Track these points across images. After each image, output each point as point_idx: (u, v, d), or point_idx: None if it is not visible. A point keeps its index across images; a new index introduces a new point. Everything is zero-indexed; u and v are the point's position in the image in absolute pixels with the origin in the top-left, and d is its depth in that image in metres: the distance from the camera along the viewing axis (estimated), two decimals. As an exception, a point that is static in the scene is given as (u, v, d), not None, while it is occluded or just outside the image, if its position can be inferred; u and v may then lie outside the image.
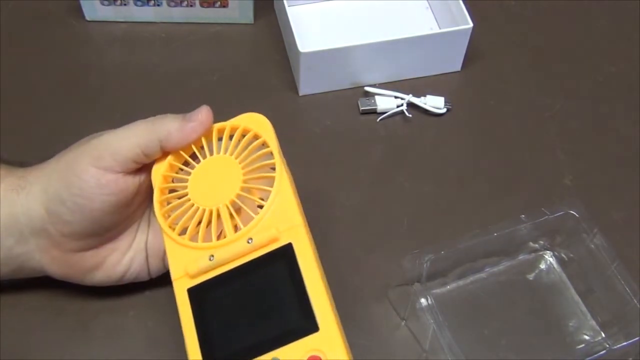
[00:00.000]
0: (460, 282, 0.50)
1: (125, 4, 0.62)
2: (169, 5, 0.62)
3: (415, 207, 0.54)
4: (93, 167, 0.41)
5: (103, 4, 0.62)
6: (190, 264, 0.40)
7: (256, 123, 0.44)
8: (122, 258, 0.45)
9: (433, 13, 0.65)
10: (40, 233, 0.43)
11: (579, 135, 0.59)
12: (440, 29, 0.64)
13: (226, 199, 0.41)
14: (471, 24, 0.58)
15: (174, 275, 0.41)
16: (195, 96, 0.60)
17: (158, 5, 0.62)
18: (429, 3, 0.66)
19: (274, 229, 0.40)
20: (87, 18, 0.63)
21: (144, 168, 0.44)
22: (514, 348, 0.48)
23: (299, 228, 0.40)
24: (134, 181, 0.43)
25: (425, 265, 0.46)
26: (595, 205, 0.51)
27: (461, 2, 0.60)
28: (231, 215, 0.41)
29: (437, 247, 0.46)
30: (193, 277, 0.40)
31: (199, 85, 0.61)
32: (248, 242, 0.39)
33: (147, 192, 0.44)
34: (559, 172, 0.57)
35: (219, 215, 0.41)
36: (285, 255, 0.39)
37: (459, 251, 0.47)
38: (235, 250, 0.40)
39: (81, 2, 0.62)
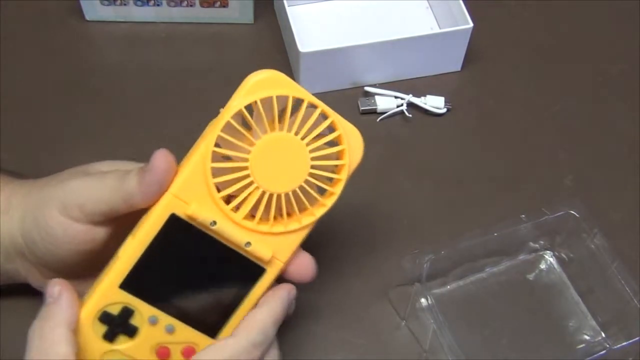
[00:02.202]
0: (460, 282, 0.50)
1: (125, 4, 0.62)
2: (169, 5, 0.62)
3: (415, 207, 0.54)
4: (61, 216, 0.39)
5: (103, 4, 0.62)
6: (198, 204, 0.38)
7: (282, 85, 0.39)
8: None
9: (433, 13, 0.65)
10: (21, 256, 0.42)
11: (579, 135, 0.59)
12: (440, 29, 0.64)
13: (289, 187, 0.39)
14: (471, 24, 0.58)
15: (173, 189, 0.38)
16: (195, 96, 0.60)
17: (158, 5, 0.62)
18: (429, 3, 0.66)
19: (270, 252, 0.39)
20: (87, 18, 0.63)
21: (113, 220, 0.41)
22: (514, 348, 0.48)
23: (279, 264, 0.40)
24: (104, 230, 0.40)
25: (425, 265, 0.46)
26: (595, 205, 0.51)
27: (461, 2, 0.60)
28: (280, 203, 0.39)
29: (437, 247, 0.46)
30: (188, 213, 0.38)
31: (199, 85, 0.61)
32: (246, 245, 0.39)
33: (124, 236, 0.40)
34: (559, 172, 0.57)
35: (278, 199, 0.39)
36: (254, 273, 0.40)
37: (459, 251, 0.47)
38: (233, 237, 0.39)
39: (81, 2, 0.62)
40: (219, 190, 0.38)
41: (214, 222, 0.38)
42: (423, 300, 0.47)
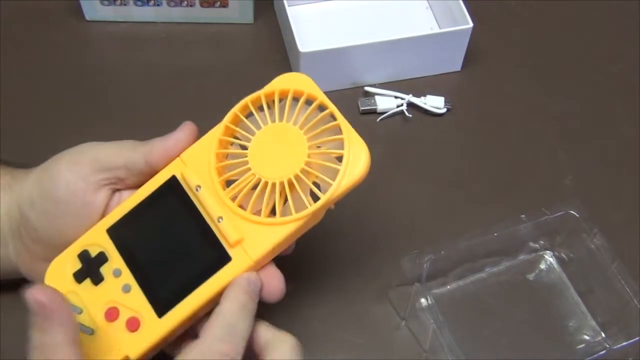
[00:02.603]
0: (460, 282, 0.50)
1: (125, 4, 0.62)
2: (169, 5, 0.62)
3: (415, 207, 0.54)
4: (67, 171, 0.40)
5: (103, 4, 0.62)
6: (193, 168, 0.40)
7: (301, 83, 0.41)
8: None
9: (433, 13, 0.65)
10: (15, 235, 0.43)
11: (579, 135, 0.59)
12: (440, 29, 0.64)
13: (284, 176, 0.39)
14: (471, 24, 0.58)
15: (185, 152, 0.41)
16: (195, 96, 0.60)
17: (158, 5, 0.62)
18: (429, 3, 0.66)
19: (239, 234, 0.39)
20: (87, 18, 0.63)
21: (120, 190, 0.42)
22: (514, 348, 0.48)
23: (247, 259, 0.39)
24: (103, 198, 0.41)
25: (425, 265, 0.46)
26: (595, 205, 0.51)
27: (461, 2, 0.60)
28: (282, 191, 0.39)
29: (437, 247, 0.46)
30: (181, 173, 0.40)
31: (199, 85, 0.61)
32: (218, 220, 0.39)
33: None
34: (559, 172, 0.57)
35: (265, 187, 0.39)
36: (219, 259, 0.39)
37: (459, 251, 0.47)
38: (210, 206, 0.39)
39: (81, 2, 0.62)
40: (217, 162, 0.40)
41: (199, 187, 0.40)
42: (423, 300, 0.47)
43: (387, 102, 0.59)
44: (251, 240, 0.39)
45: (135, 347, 0.38)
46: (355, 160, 0.39)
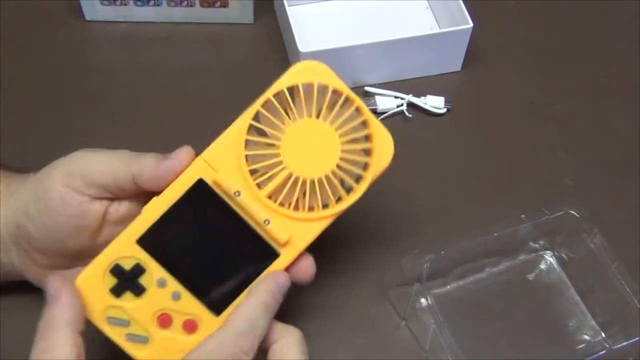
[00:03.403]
0: (460, 282, 0.50)
1: (125, 4, 0.62)
2: (169, 5, 0.62)
3: (416, 207, 0.54)
4: (60, 184, 0.40)
5: (103, 4, 0.62)
6: (225, 173, 0.39)
7: (323, 76, 0.41)
8: None
9: (433, 13, 0.65)
10: (17, 244, 0.42)
11: (579, 135, 0.59)
12: (440, 29, 0.64)
13: (316, 174, 0.40)
14: (471, 24, 0.58)
15: (205, 154, 0.40)
16: (195, 96, 0.60)
17: (158, 5, 0.62)
18: (429, 3, 0.66)
19: (287, 235, 0.40)
20: (87, 18, 0.63)
21: (117, 200, 0.42)
22: (514, 348, 0.48)
23: (294, 251, 0.40)
24: (100, 208, 0.41)
25: (425, 265, 0.46)
26: (595, 205, 0.51)
27: (461, 2, 0.60)
28: (313, 188, 0.40)
29: (437, 247, 0.46)
30: (215, 178, 0.39)
31: (199, 85, 0.61)
32: (265, 223, 0.40)
33: (119, 223, 0.41)
34: (559, 172, 0.57)
35: (303, 184, 0.40)
36: (267, 256, 0.40)
37: (459, 251, 0.47)
38: (254, 211, 0.40)
39: (81, 2, 0.62)
40: (248, 164, 0.40)
41: (238, 193, 0.39)
42: (423, 300, 0.47)
43: (387, 102, 0.59)
44: (296, 234, 0.40)
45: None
46: (383, 152, 0.41)
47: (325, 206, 0.41)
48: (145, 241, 0.39)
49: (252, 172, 0.40)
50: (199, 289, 0.40)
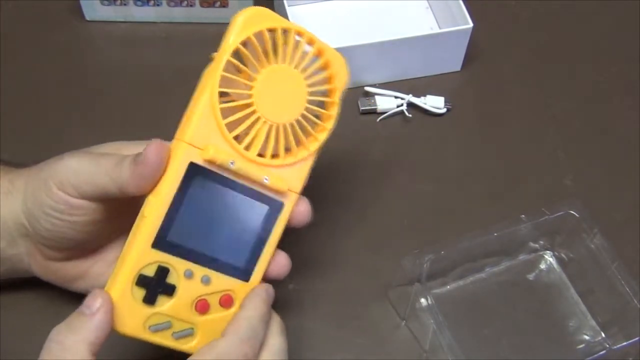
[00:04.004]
0: (460, 282, 0.50)
1: (125, 4, 0.62)
2: (169, 5, 0.62)
3: (415, 207, 0.54)
4: (59, 191, 0.40)
5: (103, 4, 0.62)
6: (214, 147, 0.39)
7: (269, 20, 0.40)
8: (107, 269, 0.43)
9: (433, 13, 0.65)
10: (25, 238, 0.43)
11: (579, 135, 0.59)
12: (440, 29, 0.64)
13: (292, 116, 0.41)
14: (471, 24, 0.58)
15: (186, 137, 0.39)
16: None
17: (158, 5, 0.62)
18: (429, 3, 0.66)
19: (286, 184, 0.41)
20: (87, 18, 0.63)
21: (103, 199, 0.40)
22: (514, 348, 0.48)
23: (294, 195, 0.42)
24: (104, 207, 0.41)
25: (425, 265, 0.46)
26: (595, 205, 0.51)
27: (461, 2, 0.60)
28: (294, 132, 0.41)
29: (437, 247, 0.46)
30: (206, 157, 0.39)
31: (199, 85, 0.61)
32: (264, 180, 0.40)
33: (128, 206, 0.41)
34: (559, 172, 0.57)
35: (285, 129, 0.41)
36: (274, 208, 0.42)
37: (459, 251, 0.47)
38: (253, 174, 0.40)
39: (81, 2, 0.62)
40: (230, 131, 0.40)
41: (233, 162, 0.40)
42: (423, 300, 0.47)
43: (387, 102, 0.59)
44: (292, 179, 0.42)
45: None
46: (341, 74, 0.43)
47: (309, 142, 0.42)
48: (160, 243, 0.39)
49: (236, 137, 0.40)
50: (224, 265, 0.41)
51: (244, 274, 0.41)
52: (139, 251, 0.38)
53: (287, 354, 0.41)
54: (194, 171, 0.39)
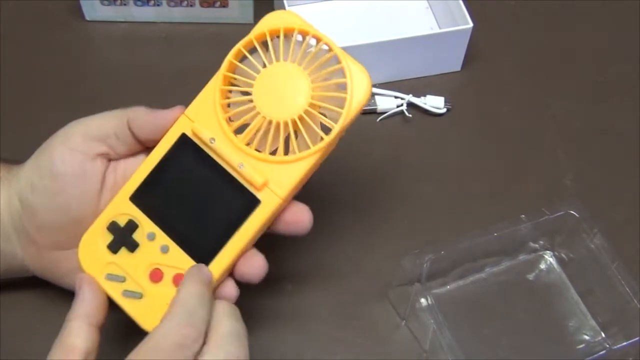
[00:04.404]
0: (460, 282, 0.50)
1: (125, 4, 0.62)
2: (169, 5, 0.62)
3: (415, 207, 0.54)
4: (61, 145, 0.42)
5: (103, 4, 0.62)
6: (202, 123, 0.41)
7: (290, 20, 0.42)
8: None
9: (433, 13, 0.65)
10: (18, 228, 0.43)
11: (579, 135, 0.59)
12: (440, 29, 0.64)
13: (293, 113, 0.40)
14: (471, 24, 0.58)
15: (187, 110, 0.42)
16: (195, 96, 0.60)
17: (158, 5, 0.62)
18: (429, 3, 0.66)
19: (262, 177, 0.40)
20: (87, 18, 0.63)
21: (113, 163, 0.43)
22: (514, 348, 0.48)
23: (276, 198, 0.40)
24: (100, 167, 0.42)
25: (425, 265, 0.46)
26: (595, 205, 0.51)
27: (461, 2, 0.60)
28: (294, 129, 0.41)
29: (437, 247, 0.46)
30: (192, 130, 0.41)
31: (199, 85, 0.60)
32: (240, 167, 0.40)
33: (117, 189, 0.43)
34: (559, 172, 0.57)
35: (277, 127, 0.41)
36: (249, 203, 0.40)
37: (459, 251, 0.47)
38: (228, 156, 0.40)
39: (81, 2, 0.62)
40: (224, 112, 0.41)
41: (213, 140, 0.41)
42: (423, 300, 0.47)
43: (387, 102, 0.59)
44: (276, 180, 0.40)
45: None
46: (358, 84, 0.41)
47: (302, 147, 0.41)
48: (137, 197, 0.41)
49: (230, 121, 0.41)
50: (185, 241, 0.41)
51: (201, 259, 0.40)
52: (118, 199, 0.42)
53: (246, 338, 0.38)
54: (183, 141, 0.41)
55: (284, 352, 0.48)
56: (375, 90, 0.60)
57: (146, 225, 0.41)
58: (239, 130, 0.41)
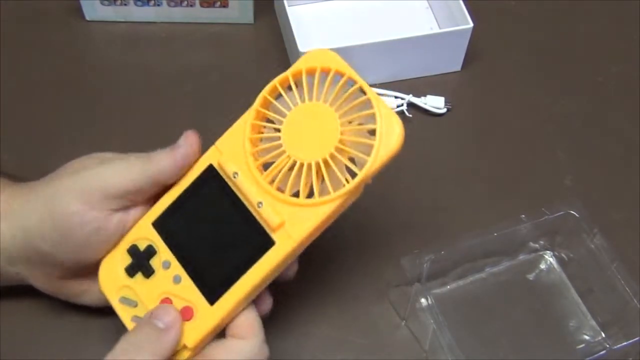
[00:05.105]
0: (460, 282, 0.50)
1: (125, 4, 0.62)
2: (169, 5, 0.62)
3: (415, 207, 0.54)
4: (79, 203, 0.40)
5: (103, 4, 0.62)
6: (229, 156, 0.40)
7: (328, 60, 0.41)
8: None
9: (433, 13, 0.65)
10: (24, 260, 0.42)
11: (579, 135, 0.59)
12: (440, 29, 0.64)
13: (319, 156, 0.39)
14: (471, 24, 0.58)
15: (218, 141, 0.41)
16: (195, 96, 0.60)
17: (158, 5, 0.62)
18: (429, 3, 0.66)
19: (279, 218, 0.39)
20: (87, 18, 0.63)
21: (130, 206, 0.42)
22: (514, 348, 0.48)
23: (291, 242, 0.39)
24: (118, 221, 0.41)
25: (425, 265, 0.46)
26: (595, 205, 0.51)
27: (461, 2, 0.60)
28: (318, 171, 0.39)
29: (437, 247, 0.46)
30: (218, 162, 0.40)
31: (199, 85, 0.61)
32: (258, 205, 0.39)
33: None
34: (559, 172, 0.57)
35: (301, 168, 0.39)
36: (263, 243, 0.39)
37: (459, 251, 0.47)
38: (249, 192, 0.39)
39: (81, 2, 0.62)
40: (251, 147, 0.40)
41: (236, 174, 0.40)
42: (423, 300, 0.47)
43: (387, 102, 0.59)
44: (293, 222, 0.39)
45: (191, 336, 0.39)
46: (389, 132, 0.39)
47: (324, 192, 0.39)
48: (159, 223, 0.41)
49: (256, 156, 0.40)
50: (197, 273, 0.40)
51: (210, 295, 0.39)
52: (142, 223, 0.42)
53: None
54: (209, 173, 0.41)
55: (284, 352, 0.48)
56: (375, 90, 0.59)
57: (164, 253, 0.41)
58: (266, 167, 0.40)
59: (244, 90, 0.61)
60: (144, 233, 0.41)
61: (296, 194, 0.39)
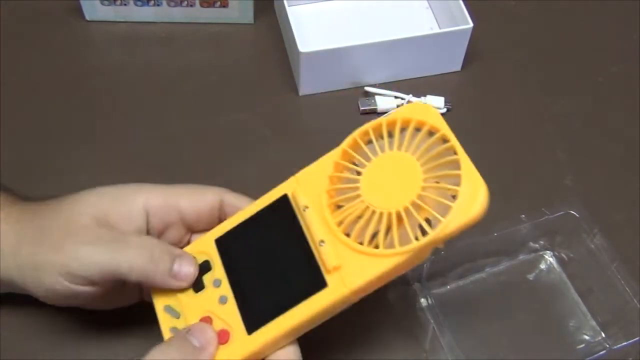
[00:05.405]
0: (460, 282, 0.50)
1: (125, 4, 0.62)
2: (169, 5, 0.62)
3: (415, 207, 0.54)
4: (65, 281, 0.39)
5: (103, 4, 0.62)
6: (304, 188, 0.40)
7: (426, 114, 0.39)
8: (113, 305, 0.45)
9: (433, 13, 0.65)
10: (30, 287, 0.42)
11: (579, 135, 0.59)
12: (440, 29, 0.64)
13: (392, 207, 0.37)
14: (471, 24, 0.58)
15: (300, 172, 0.41)
16: (195, 96, 0.60)
17: (158, 5, 0.62)
18: (429, 3, 0.66)
19: (336, 261, 0.37)
20: (87, 18, 0.63)
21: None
22: (514, 348, 0.48)
23: (343, 289, 0.37)
24: (107, 289, 0.41)
25: (425, 265, 0.46)
26: (595, 205, 0.51)
27: (461, 2, 0.60)
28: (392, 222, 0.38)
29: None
30: (292, 192, 0.40)
31: (199, 85, 0.61)
32: (320, 244, 0.38)
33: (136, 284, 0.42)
34: (559, 172, 0.57)
35: (372, 216, 0.38)
36: (315, 284, 0.38)
37: (459, 251, 0.47)
38: (314, 227, 0.38)
39: (81, 2, 0.62)
40: (329, 185, 0.40)
41: (306, 208, 0.39)
42: (423, 300, 0.47)
43: (387, 102, 0.59)
44: (350, 269, 0.37)
45: None
46: (471, 199, 0.36)
47: (391, 246, 0.37)
48: (221, 241, 0.41)
49: (331, 195, 0.39)
50: (243, 299, 0.39)
51: (250, 324, 0.39)
52: (207, 236, 0.42)
53: None
54: (282, 201, 0.40)
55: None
56: (375, 90, 0.60)
57: (217, 271, 0.40)
58: (339, 208, 0.39)
59: (244, 90, 0.61)
60: (205, 247, 0.41)
61: (362, 242, 0.38)
